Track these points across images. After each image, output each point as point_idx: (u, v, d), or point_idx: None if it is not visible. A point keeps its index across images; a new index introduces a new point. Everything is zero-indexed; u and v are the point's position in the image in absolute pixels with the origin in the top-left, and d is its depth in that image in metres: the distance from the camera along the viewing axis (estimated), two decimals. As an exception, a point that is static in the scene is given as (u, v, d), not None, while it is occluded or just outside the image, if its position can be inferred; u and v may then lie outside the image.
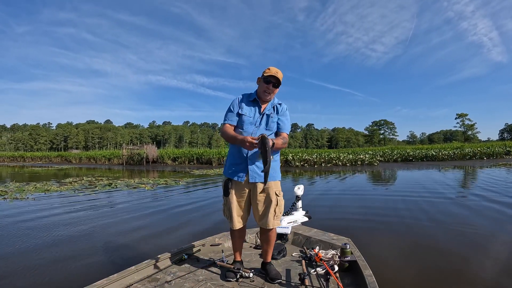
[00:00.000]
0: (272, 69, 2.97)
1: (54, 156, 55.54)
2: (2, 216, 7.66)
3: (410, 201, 8.89)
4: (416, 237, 5.45)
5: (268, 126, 3.04)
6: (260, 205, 2.99)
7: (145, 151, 38.64)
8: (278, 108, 3.11)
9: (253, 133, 2.95)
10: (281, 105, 3.14)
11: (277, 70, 2.96)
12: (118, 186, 13.85)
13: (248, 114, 3.02)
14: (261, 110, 3.05)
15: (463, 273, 3.86)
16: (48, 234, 5.90)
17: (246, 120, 3.01)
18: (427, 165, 27.42)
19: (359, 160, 30.38)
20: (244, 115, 3.01)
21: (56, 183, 15.68)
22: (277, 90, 3.05)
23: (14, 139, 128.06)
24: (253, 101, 3.08)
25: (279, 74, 2.96)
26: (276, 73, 2.94)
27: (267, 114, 3.04)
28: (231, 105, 3.10)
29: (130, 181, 16.38)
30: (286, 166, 30.15)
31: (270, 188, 2.97)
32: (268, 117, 3.04)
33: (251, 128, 3.00)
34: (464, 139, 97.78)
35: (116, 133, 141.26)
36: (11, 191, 12.15)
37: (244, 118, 3.01)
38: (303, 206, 4.93)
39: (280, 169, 3.16)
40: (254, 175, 2.95)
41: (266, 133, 2.80)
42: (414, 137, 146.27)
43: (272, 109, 3.08)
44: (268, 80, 2.95)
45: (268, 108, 3.07)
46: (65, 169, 30.18)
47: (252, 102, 3.08)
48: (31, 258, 4.59)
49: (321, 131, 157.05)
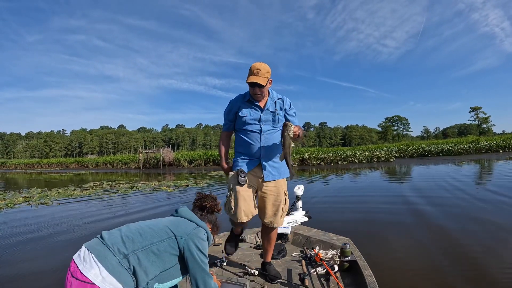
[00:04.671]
0: (253, 69, 2.79)
1: (70, 162, 56.34)
2: (37, 222, 7.76)
3: (418, 198, 8.81)
4: (417, 236, 5.43)
5: (274, 123, 2.95)
6: (270, 203, 2.95)
7: (161, 155, 38.93)
8: (282, 104, 3.01)
9: (261, 132, 2.89)
10: (285, 101, 3.04)
11: (258, 67, 2.77)
12: (141, 189, 14.11)
13: (249, 115, 2.91)
14: (262, 107, 2.92)
15: (464, 273, 3.83)
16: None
17: (248, 121, 2.91)
18: (443, 159, 27.16)
19: (375, 157, 30.28)
20: (244, 117, 2.90)
21: (77, 188, 15.93)
22: (269, 85, 2.89)
23: (29, 147, 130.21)
24: (248, 101, 2.94)
25: (261, 71, 2.76)
26: (257, 73, 2.76)
27: (272, 111, 2.94)
28: (226, 110, 3.05)
29: (151, 184, 16.63)
30: (303, 165, 30.18)
31: (280, 186, 2.96)
32: (273, 114, 2.94)
33: (256, 127, 2.91)
34: (478, 132, 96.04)
35: (130, 137, 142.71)
36: (34, 197, 12.36)
37: (245, 119, 2.91)
38: (303, 206, 4.90)
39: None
40: (268, 174, 2.92)
41: (270, 129, 2.92)
42: (428, 132, 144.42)
43: (274, 105, 2.97)
44: (251, 84, 2.80)
45: (270, 104, 2.95)
46: (82, 175, 30.74)
47: (248, 103, 2.94)
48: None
49: (334, 129, 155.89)
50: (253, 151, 2.89)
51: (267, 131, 2.91)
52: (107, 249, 1.63)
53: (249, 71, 2.80)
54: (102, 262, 1.59)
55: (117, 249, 1.64)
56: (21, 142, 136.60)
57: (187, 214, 2.03)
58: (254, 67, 2.77)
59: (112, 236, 1.72)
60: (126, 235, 1.72)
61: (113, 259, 1.61)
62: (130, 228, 1.82)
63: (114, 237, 1.71)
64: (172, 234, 1.82)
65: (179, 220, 1.97)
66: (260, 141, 2.88)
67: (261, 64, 2.79)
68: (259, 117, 2.90)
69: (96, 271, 1.56)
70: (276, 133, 2.94)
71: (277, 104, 2.97)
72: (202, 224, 2.02)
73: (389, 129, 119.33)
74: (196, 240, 1.86)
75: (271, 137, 2.92)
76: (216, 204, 2.26)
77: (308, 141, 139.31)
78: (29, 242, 5.90)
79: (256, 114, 2.91)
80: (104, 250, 1.63)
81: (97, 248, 1.64)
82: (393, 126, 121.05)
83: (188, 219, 2.00)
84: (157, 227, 1.83)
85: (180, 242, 1.82)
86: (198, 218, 2.05)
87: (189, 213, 2.05)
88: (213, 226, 2.22)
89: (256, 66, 2.77)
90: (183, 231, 1.86)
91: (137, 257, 1.66)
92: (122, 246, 1.67)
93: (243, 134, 2.95)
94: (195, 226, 1.95)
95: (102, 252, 1.62)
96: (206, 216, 2.18)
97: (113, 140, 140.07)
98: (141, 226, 1.83)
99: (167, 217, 2.04)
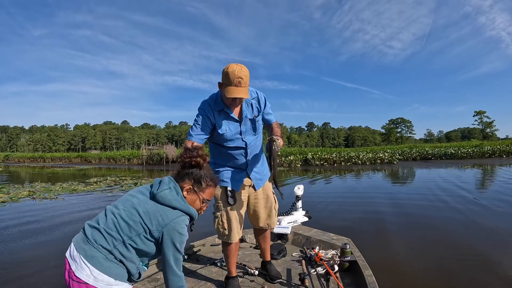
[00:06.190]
0: (232, 78, 2.24)
1: (73, 156, 56.47)
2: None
3: (419, 200, 8.80)
4: (417, 237, 5.46)
5: (256, 131, 2.64)
6: (262, 208, 2.82)
7: (165, 151, 38.95)
8: (258, 104, 2.62)
9: (247, 146, 2.58)
10: (260, 99, 2.63)
11: (239, 76, 2.24)
12: (145, 186, 13.87)
13: (228, 130, 2.49)
14: (237, 117, 2.52)
15: (463, 273, 3.85)
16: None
17: (229, 137, 2.52)
18: (446, 163, 27.05)
19: (378, 159, 30.26)
20: (225, 133, 2.49)
21: (81, 183, 16.04)
22: (247, 89, 2.36)
23: (32, 141, 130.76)
24: (222, 112, 2.48)
25: (243, 80, 2.27)
26: (239, 83, 2.26)
27: (250, 119, 2.57)
28: (198, 118, 2.47)
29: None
30: (306, 165, 30.15)
31: (267, 188, 2.83)
32: (252, 122, 2.59)
33: (239, 143, 2.56)
34: (482, 136, 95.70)
35: (133, 133, 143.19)
36: (38, 191, 12.44)
37: (226, 136, 2.50)
38: (303, 206, 4.88)
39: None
40: (258, 182, 2.74)
41: (253, 138, 2.63)
42: (431, 135, 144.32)
43: (252, 109, 2.58)
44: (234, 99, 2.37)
45: (246, 110, 2.54)
46: (85, 170, 30.90)
47: (222, 114, 2.49)
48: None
49: (337, 130, 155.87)
50: (238, 164, 2.63)
51: (251, 142, 2.61)
52: (92, 247, 1.65)
53: (226, 79, 2.26)
54: (90, 261, 1.62)
55: (101, 246, 1.66)
56: (25, 136, 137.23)
57: (166, 201, 1.79)
58: (233, 76, 2.23)
59: (95, 232, 1.71)
60: (106, 230, 1.70)
61: (100, 256, 1.64)
62: (108, 220, 1.74)
63: (96, 233, 1.70)
64: (147, 229, 1.71)
65: (155, 209, 1.76)
66: (245, 155, 2.60)
67: (241, 69, 2.26)
68: (239, 129, 2.53)
69: (87, 271, 1.61)
70: (257, 139, 2.69)
71: (253, 107, 2.58)
72: (183, 208, 1.81)
73: (392, 131, 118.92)
74: (172, 234, 1.73)
75: (255, 146, 2.65)
76: (195, 156, 1.90)
77: (311, 141, 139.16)
78: (33, 234, 6.00)
79: (235, 127, 2.52)
80: (89, 248, 1.65)
81: (84, 248, 1.66)
82: (396, 128, 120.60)
83: (167, 205, 1.78)
84: (133, 221, 1.71)
85: (154, 234, 1.72)
86: (179, 200, 1.82)
87: (169, 199, 1.79)
88: (197, 182, 1.91)
89: (236, 74, 2.23)
90: (157, 223, 1.72)
91: (119, 251, 1.67)
92: (105, 242, 1.67)
93: (225, 151, 2.59)
94: (174, 215, 1.76)
95: (88, 251, 1.64)
96: (187, 175, 1.90)
97: (116, 135, 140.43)
98: (119, 219, 1.72)
99: (144, 201, 1.80)
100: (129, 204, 1.79)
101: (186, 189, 1.88)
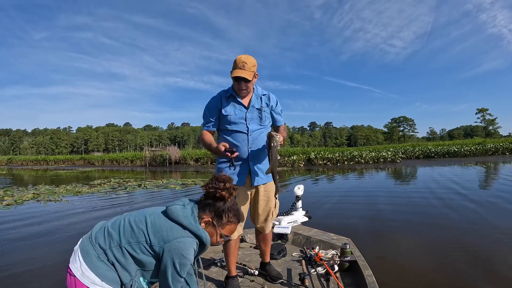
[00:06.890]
0: (238, 62, 2.56)
1: (77, 159, 56.38)
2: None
3: (419, 199, 8.81)
4: (417, 236, 5.49)
5: (261, 121, 2.77)
6: (260, 209, 2.83)
7: (168, 153, 39.03)
8: (268, 100, 2.83)
9: (249, 132, 2.69)
10: (271, 97, 2.86)
11: (243, 60, 2.55)
12: (149, 187, 14.19)
13: (233, 113, 2.69)
14: (246, 105, 2.72)
15: (464, 273, 3.85)
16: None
17: (234, 120, 2.70)
18: (449, 161, 26.99)
19: (381, 158, 30.24)
20: (229, 115, 2.69)
21: (85, 185, 16.09)
22: (255, 79, 2.69)
23: (35, 143, 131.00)
24: (230, 97, 2.72)
25: (247, 64, 2.55)
26: (243, 66, 2.54)
27: (257, 108, 2.75)
28: (207, 108, 2.78)
29: (158, 182, 16.73)
30: (309, 164, 30.17)
31: (271, 190, 2.82)
32: (260, 111, 2.76)
33: (242, 127, 2.70)
34: (485, 134, 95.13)
35: (135, 135, 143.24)
36: (43, 194, 12.51)
37: (230, 118, 2.69)
38: (303, 206, 4.88)
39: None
40: (257, 178, 2.74)
41: (258, 128, 2.74)
42: (434, 134, 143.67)
43: (260, 101, 2.78)
44: (237, 78, 2.59)
45: (254, 101, 2.75)
46: (89, 172, 30.90)
47: (231, 99, 2.72)
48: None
49: (340, 129, 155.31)
50: (240, 152, 2.66)
51: (255, 130, 2.72)
52: (90, 244, 1.69)
53: (234, 64, 2.59)
54: (84, 257, 1.66)
55: (98, 244, 1.68)
56: (27, 139, 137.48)
57: (175, 216, 1.72)
58: (239, 60, 2.56)
59: (100, 231, 1.75)
60: (108, 230, 1.72)
61: (93, 254, 1.66)
62: (116, 221, 1.77)
63: (100, 232, 1.74)
64: (148, 239, 1.66)
65: (162, 223, 1.71)
66: (247, 142, 2.69)
67: (247, 56, 2.58)
68: (244, 115, 2.70)
69: (77, 265, 1.65)
70: (263, 132, 2.77)
71: (262, 101, 2.79)
72: (192, 228, 1.72)
73: (395, 129, 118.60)
74: (174, 253, 1.64)
75: (259, 137, 2.74)
76: (221, 188, 1.81)
77: (314, 140, 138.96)
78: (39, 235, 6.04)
79: (241, 112, 2.71)
80: (88, 245, 1.69)
81: (85, 243, 1.71)
82: (399, 127, 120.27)
83: (175, 221, 1.72)
84: (137, 227, 1.70)
85: (155, 248, 1.66)
86: (189, 219, 1.74)
87: (178, 214, 1.73)
88: (218, 216, 1.81)
89: (242, 59, 2.56)
90: (160, 237, 1.66)
91: (113, 253, 1.67)
92: (103, 241, 1.69)
93: (227, 135, 2.73)
94: (180, 235, 1.68)
95: (86, 247, 1.69)
96: (209, 206, 1.82)
97: (119, 137, 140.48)
98: (126, 222, 1.73)
99: (156, 214, 1.78)
100: (144, 212, 1.81)
101: (204, 221, 1.79)
